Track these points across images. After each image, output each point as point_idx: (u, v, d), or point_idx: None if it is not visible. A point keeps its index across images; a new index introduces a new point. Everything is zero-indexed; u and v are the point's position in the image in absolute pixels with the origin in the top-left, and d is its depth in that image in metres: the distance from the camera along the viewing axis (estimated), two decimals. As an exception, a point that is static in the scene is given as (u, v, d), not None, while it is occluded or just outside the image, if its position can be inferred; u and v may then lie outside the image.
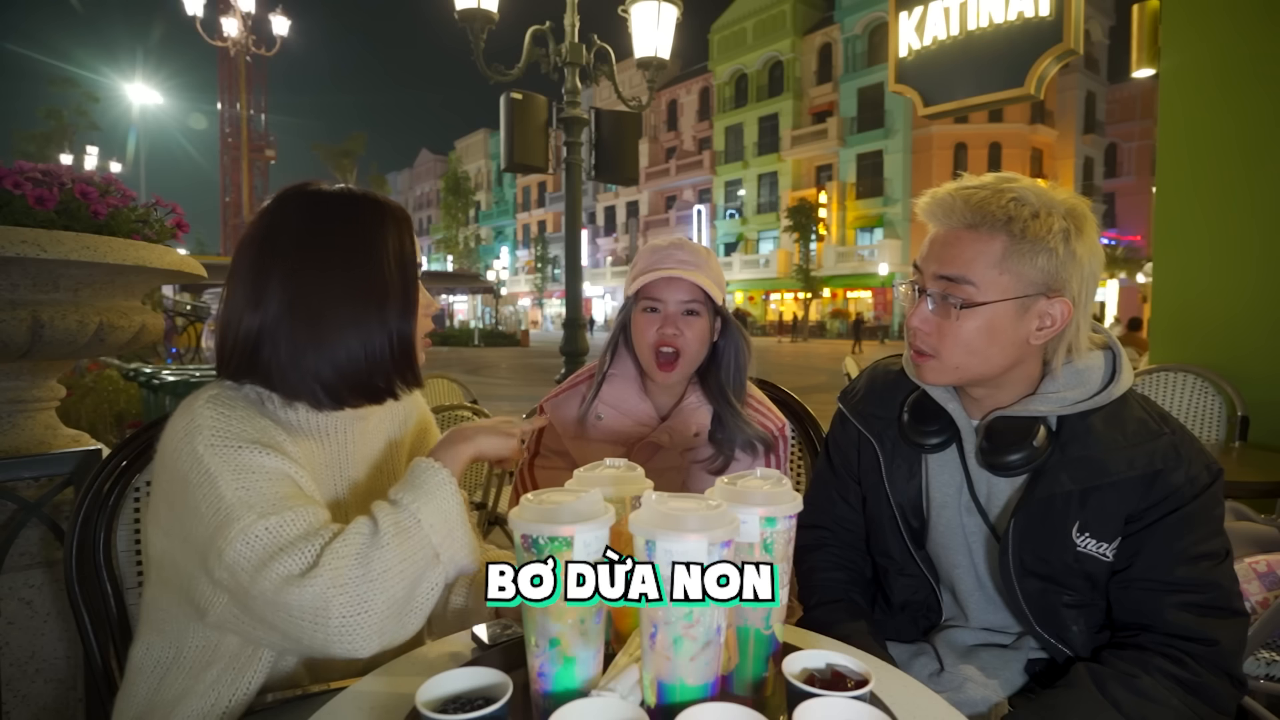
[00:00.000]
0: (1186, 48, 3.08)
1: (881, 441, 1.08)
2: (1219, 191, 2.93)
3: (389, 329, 0.89)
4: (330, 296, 0.86)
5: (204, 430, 0.80)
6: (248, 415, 0.84)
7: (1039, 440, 0.93)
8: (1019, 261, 0.88)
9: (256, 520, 0.76)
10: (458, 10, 3.78)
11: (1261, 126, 2.80)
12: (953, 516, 1.03)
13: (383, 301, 0.89)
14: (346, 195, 0.93)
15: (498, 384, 13.72)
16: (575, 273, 4.69)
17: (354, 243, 0.88)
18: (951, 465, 1.03)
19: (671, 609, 0.61)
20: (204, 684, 0.85)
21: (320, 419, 0.92)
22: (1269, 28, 2.78)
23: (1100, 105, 32.17)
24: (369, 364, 0.88)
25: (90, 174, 1.63)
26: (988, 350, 0.92)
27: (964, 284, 0.90)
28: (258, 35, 15.37)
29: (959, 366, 0.95)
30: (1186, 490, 0.89)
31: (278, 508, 0.78)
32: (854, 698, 0.61)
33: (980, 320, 0.91)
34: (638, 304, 1.33)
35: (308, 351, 0.86)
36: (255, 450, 0.81)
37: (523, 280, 48.18)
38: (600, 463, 0.82)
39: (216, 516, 0.76)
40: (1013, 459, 0.93)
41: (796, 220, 30.17)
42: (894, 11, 4.45)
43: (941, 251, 0.93)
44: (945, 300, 0.92)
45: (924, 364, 0.98)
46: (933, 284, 0.94)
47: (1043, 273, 0.89)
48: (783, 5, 33.71)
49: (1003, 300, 0.90)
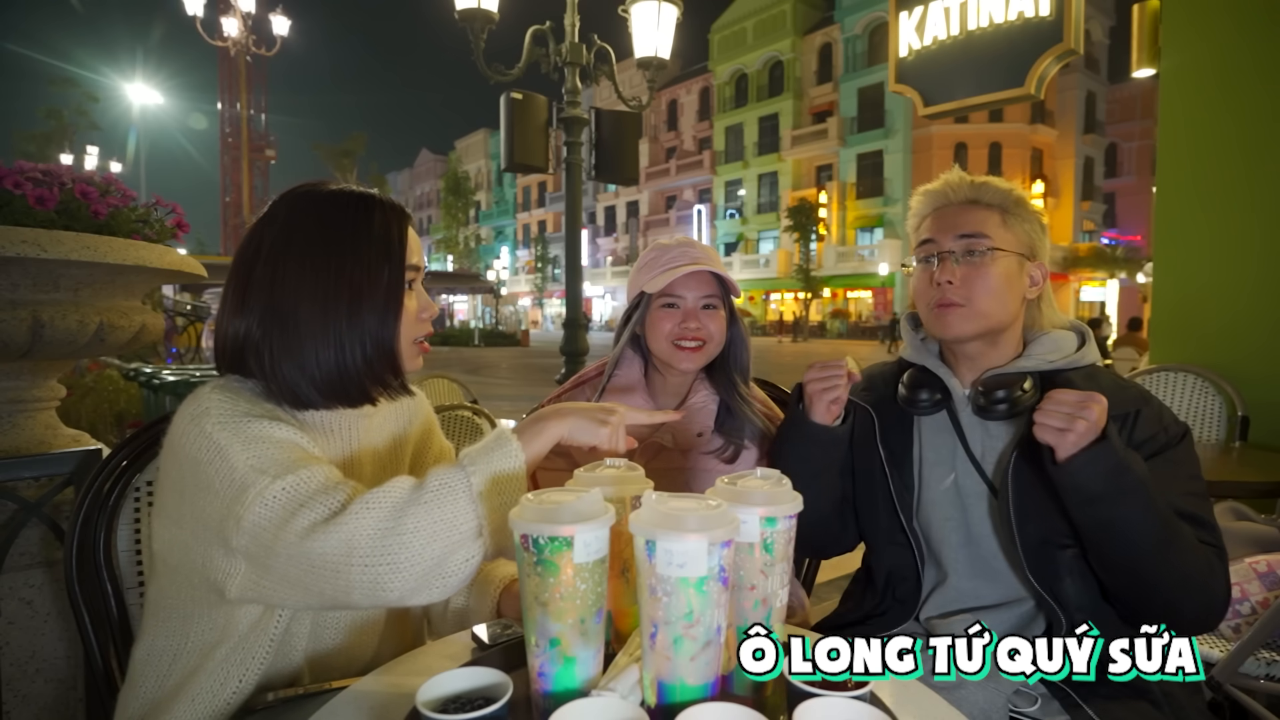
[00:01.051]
0: (1187, 48, 3.08)
1: (878, 409, 1.19)
2: (1219, 191, 2.92)
3: (362, 333, 0.85)
4: (303, 299, 0.84)
5: (212, 412, 0.80)
6: (254, 400, 0.85)
7: (1027, 386, 1.05)
8: (1015, 225, 1.09)
9: (272, 483, 0.75)
10: (458, 10, 3.78)
11: (1261, 126, 2.80)
12: (945, 474, 1.13)
13: (357, 304, 0.85)
14: (334, 194, 0.90)
15: (498, 384, 13.72)
16: (575, 273, 4.69)
17: (332, 243, 0.85)
18: (944, 427, 1.14)
19: (672, 609, 0.61)
20: (214, 662, 0.85)
21: (323, 414, 0.92)
22: (1269, 28, 2.78)
23: (1100, 105, 32.16)
24: (340, 370, 0.85)
25: (90, 174, 1.63)
26: (1005, 295, 1.08)
27: (982, 238, 1.08)
28: (258, 35, 15.38)
29: (985, 313, 1.07)
30: (1168, 433, 1.02)
31: (292, 468, 0.77)
32: (854, 698, 0.61)
33: (1000, 265, 1.07)
34: (655, 302, 1.32)
35: (283, 357, 0.84)
36: (263, 422, 0.80)
37: (523, 280, 48.19)
38: (600, 463, 0.82)
39: (231, 487, 0.76)
40: (1002, 401, 1.05)
41: (797, 220, 30.18)
42: (894, 11, 4.45)
43: (957, 218, 1.10)
44: (969, 254, 1.07)
45: (953, 313, 1.08)
46: (954, 244, 1.08)
47: (1029, 237, 1.10)
48: (783, 5, 33.70)
49: (1012, 252, 1.08)
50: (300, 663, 0.93)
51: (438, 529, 0.73)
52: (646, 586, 0.62)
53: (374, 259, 0.86)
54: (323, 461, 0.82)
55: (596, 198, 44.03)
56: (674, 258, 1.31)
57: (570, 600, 0.64)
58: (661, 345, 1.32)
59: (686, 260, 1.30)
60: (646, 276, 1.33)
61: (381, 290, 0.86)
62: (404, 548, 0.72)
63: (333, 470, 0.80)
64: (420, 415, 1.11)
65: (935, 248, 1.10)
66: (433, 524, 0.73)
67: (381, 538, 0.71)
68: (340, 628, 0.95)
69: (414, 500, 0.74)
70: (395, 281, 0.88)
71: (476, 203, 49.27)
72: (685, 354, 1.30)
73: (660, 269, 1.31)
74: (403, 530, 0.72)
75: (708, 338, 1.31)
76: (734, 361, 1.37)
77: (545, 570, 0.63)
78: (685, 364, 1.31)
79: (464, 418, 2.54)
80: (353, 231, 0.86)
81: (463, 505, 0.75)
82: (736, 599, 0.69)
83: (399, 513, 0.73)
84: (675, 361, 1.32)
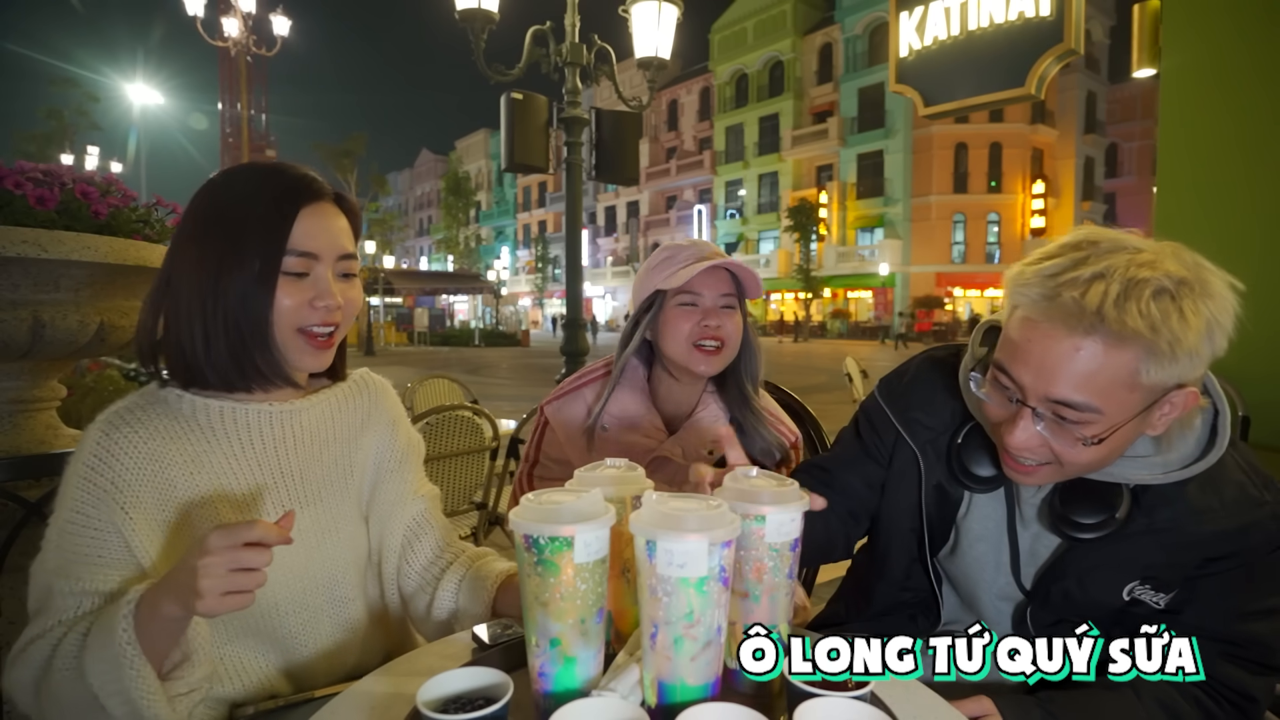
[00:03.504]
0: (1187, 48, 3.08)
1: (925, 455, 0.97)
2: (1219, 191, 2.92)
3: (226, 311, 0.82)
4: (182, 275, 0.84)
5: (82, 453, 0.82)
6: (141, 436, 0.83)
7: (1121, 511, 0.83)
8: (1156, 373, 0.73)
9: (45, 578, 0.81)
10: (458, 10, 3.78)
11: (1261, 126, 2.80)
12: (986, 552, 0.95)
13: (224, 280, 0.81)
14: (232, 171, 0.90)
15: (498, 384, 13.72)
16: (576, 273, 4.70)
17: (211, 220, 0.84)
18: (996, 503, 0.94)
19: (672, 609, 0.61)
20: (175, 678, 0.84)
21: (243, 416, 0.88)
22: (1269, 28, 2.78)
23: (1101, 105, 32.13)
24: (208, 347, 0.83)
25: (91, 174, 1.63)
26: (1110, 459, 0.82)
27: (1089, 411, 0.75)
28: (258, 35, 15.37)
29: (1076, 474, 0.83)
30: (1264, 548, 0.82)
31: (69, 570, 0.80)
32: (855, 698, 0.61)
33: (1111, 444, 0.78)
34: (671, 300, 1.27)
35: (170, 333, 0.85)
36: (106, 502, 0.80)
37: (523, 280, 48.16)
38: (601, 463, 0.82)
39: (45, 537, 0.82)
40: (1088, 526, 0.84)
41: (797, 220, 30.16)
42: (894, 11, 4.45)
43: (1059, 368, 0.74)
44: (1062, 424, 0.77)
45: (1033, 474, 0.83)
46: (1041, 404, 0.77)
47: (1178, 378, 0.75)
48: (783, 5, 33.68)
49: (1133, 418, 0.76)
50: (272, 674, 0.91)
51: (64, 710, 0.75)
52: (647, 586, 0.62)
53: (244, 236, 0.83)
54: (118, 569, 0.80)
55: (597, 198, 44.01)
56: (690, 255, 1.26)
57: (571, 600, 0.64)
58: (678, 347, 1.25)
59: (705, 255, 1.25)
60: (662, 275, 1.27)
61: (251, 268, 0.82)
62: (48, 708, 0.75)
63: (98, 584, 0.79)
64: (379, 409, 1.04)
65: (1013, 388, 0.79)
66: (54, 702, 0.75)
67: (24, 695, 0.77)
68: (316, 635, 0.93)
69: (45, 676, 0.75)
70: (268, 261, 0.83)
71: (477, 203, 49.22)
72: (703, 356, 1.24)
73: (678, 265, 1.25)
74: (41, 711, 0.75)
75: (726, 339, 1.25)
76: (745, 369, 1.31)
77: (546, 570, 0.63)
78: (702, 367, 1.25)
79: (464, 418, 2.55)
80: (231, 207, 0.85)
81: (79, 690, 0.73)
82: (737, 598, 0.69)
83: (35, 687, 0.76)
84: (692, 364, 1.25)
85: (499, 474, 2.72)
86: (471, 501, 2.70)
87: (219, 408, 0.87)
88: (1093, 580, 0.86)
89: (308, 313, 0.86)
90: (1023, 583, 0.93)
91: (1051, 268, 0.75)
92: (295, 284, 0.85)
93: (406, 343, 30.16)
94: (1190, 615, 0.86)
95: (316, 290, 0.86)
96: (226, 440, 0.88)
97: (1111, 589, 0.86)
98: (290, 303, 0.85)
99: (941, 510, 0.97)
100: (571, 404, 1.36)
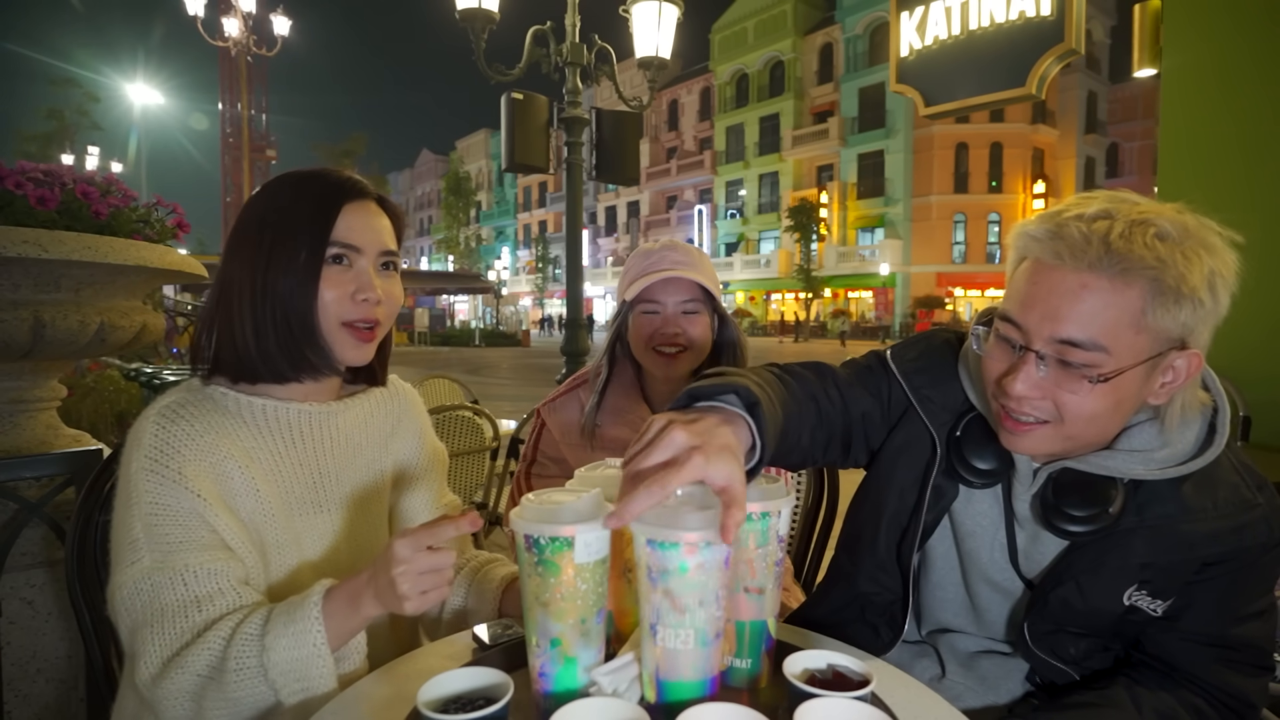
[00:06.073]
0: (1188, 47, 3.08)
1: (939, 435, 0.92)
2: (1220, 191, 2.92)
3: (275, 303, 0.86)
4: (235, 272, 0.87)
5: (144, 444, 0.82)
6: (196, 429, 0.84)
7: (1115, 506, 0.81)
8: (1161, 316, 0.72)
9: (143, 573, 0.77)
10: (459, 10, 3.78)
11: (1262, 126, 2.80)
12: (977, 549, 0.92)
13: (273, 275, 0.85)
14: (283, 176, 0.92)
15: (498, 384, 13.72)
16: (576, 273, 4.70)
17: (265, 221, 0.87)
18: (991, 500, 0.92)
19: (672, 605, 0.61)
20: None
21: (284, 415, 0.90)
22: (1270, 28, 2.78)
23: (1102, 105, 32.12)
24: (259, 339, 0.86)
25: (91, 174, 1.63)
26: (1110, 419, 0.79)
27: (1095, 351, 0.73)
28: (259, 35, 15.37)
29: (1073, 436, 0.79)
30: (1256, 550, 0.82)
31: (174, 553, 0.78)
32: (855, 698, 0.61)
33: (1116, 390, 0.75)
34: (635, 309, 1.32)
35: (223, 329, 0.88)
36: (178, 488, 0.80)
37: (524, 280, 48.17)
38: (601, 463, 0.82)
39: (119, 546, 0.80)
40: (1079, 524, 0.82)
41: (797, 220, 30.15)
42: (895, 11, 4.45)
43: (1064, 307, 0.73)
44: (1067, 367, 0.75)
45: (1029, 433, 0.80)
46: (1046, 346, 0.75)
47: (1182, 326, 0.74)
48: (784, 5, 33.67)
49: (1137, 365, 0.74)
50: None
51: (234, 708, 0.75)
52: (646, 582, 0.62)
53: (292, 231, 0.87)
54: (214, 550, 0.81)
55: (597, 198, 44.01)
56: (653, 263, 1.31)
57: (571, 600, 0.64)
58: (640, 352, 1.32)
59: (666, 265, 1.29)
60: (626, 283, 1.33)
61: (296, 260, 0.86)
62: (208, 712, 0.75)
63: (207, 565, 0.79)
64: (408, 416, 1.07)
65: (1016, 334, 0.78)
66: (228, 703, 0.75)
67: (183, 704, 0.75)
68: None
69: (216, 680, 0.75)
70: (313, 253, 0.87)
71: (477, 203, 49.27)
72: (663, 360, 1.29)
73: (633, 276, 1.31)
74: (203, 713, 0.75)
75: (688, 343, 1.29)
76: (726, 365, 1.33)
77: (546, 570, 0.63)
78: (663, 369, 1.31)
79: (464, 418, 2.55)
80: (280, 207, 0.88)
81: (259, 690, 0.75)
82: (732, 594, 0.70)
83: (199, 694, 0.75)
84: (654, 368, 1.32)
85: (499, 474, 2.72)
86: (471, 501, 2.71)
87: (263, 405, 0.89)
88: (1092, 586, 0.85)
89: (350, 307, 0.89)
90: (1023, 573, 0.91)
91: (1056, 209, 0.77)
92: (338, 276, 0.88)
93: (407, 343, 30.17)
94: (1185, 620, 0.85)
95: (358, 283, 0.89)
96: (273, 437, 0.90)
97: (1111, 595, 0.86)
98: (333, 295, 0.88)
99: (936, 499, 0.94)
100: (566, 405, 1.41)
